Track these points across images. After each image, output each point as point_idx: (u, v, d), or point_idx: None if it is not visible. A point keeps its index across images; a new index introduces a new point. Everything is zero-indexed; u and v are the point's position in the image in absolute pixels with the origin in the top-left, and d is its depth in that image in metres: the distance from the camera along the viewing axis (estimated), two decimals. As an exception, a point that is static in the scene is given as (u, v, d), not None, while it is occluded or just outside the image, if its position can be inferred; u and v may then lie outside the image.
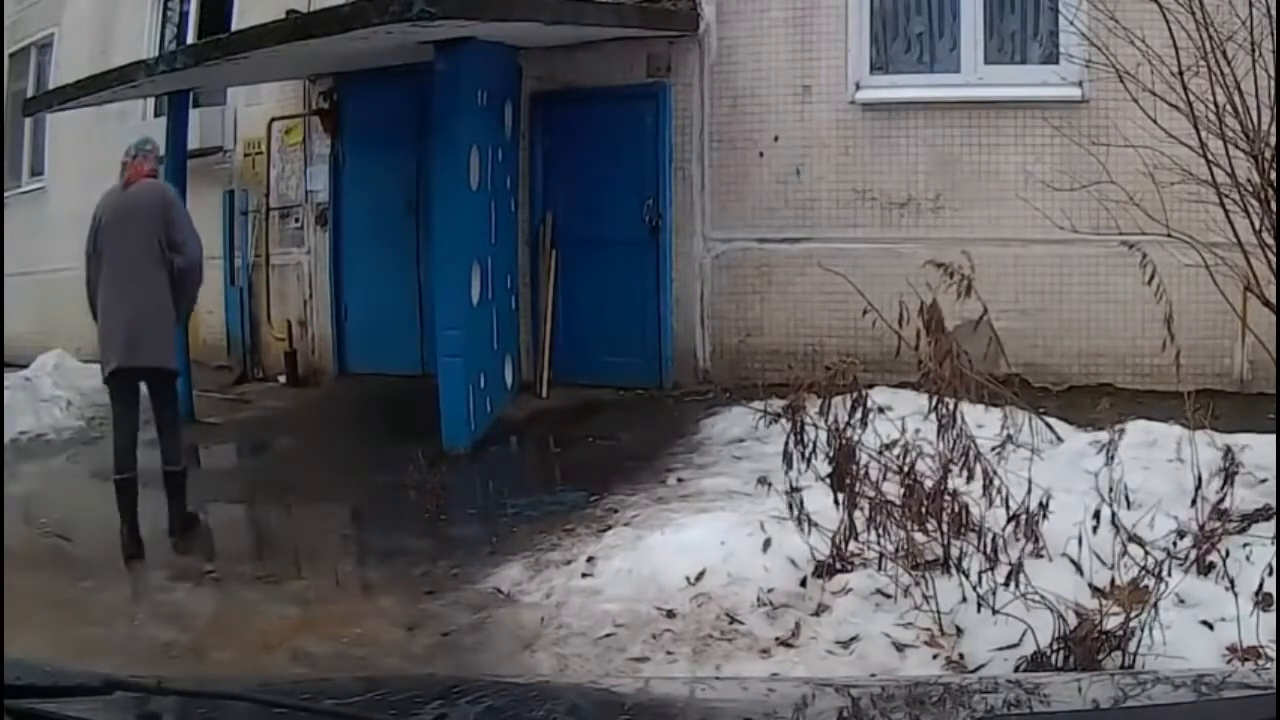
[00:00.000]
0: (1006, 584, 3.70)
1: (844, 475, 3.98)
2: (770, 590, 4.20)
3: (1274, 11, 4.59)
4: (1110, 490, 3.86)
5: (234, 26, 8.67)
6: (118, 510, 5.50)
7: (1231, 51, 4.66)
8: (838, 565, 4.23)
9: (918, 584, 4.01)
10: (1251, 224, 4.70)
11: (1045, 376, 6.84)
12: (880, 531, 4.04)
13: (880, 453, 4.05)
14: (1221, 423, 4.79)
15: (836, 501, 4.08)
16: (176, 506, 5.76)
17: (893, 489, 4.02)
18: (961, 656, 3.77)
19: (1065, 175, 6.20)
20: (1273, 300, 4.69)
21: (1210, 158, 4.72)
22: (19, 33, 11.20)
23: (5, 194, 10.64)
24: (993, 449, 4.27)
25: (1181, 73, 4.73)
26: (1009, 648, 3.65)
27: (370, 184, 8.70)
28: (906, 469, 3.93)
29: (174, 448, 5.78)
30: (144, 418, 5.80)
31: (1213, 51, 4.67)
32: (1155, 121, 4.98)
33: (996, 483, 3.88)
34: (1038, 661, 3.49)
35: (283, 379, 8.78)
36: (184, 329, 6.42)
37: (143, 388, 5.77)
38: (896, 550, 4.06)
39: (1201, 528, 3.93)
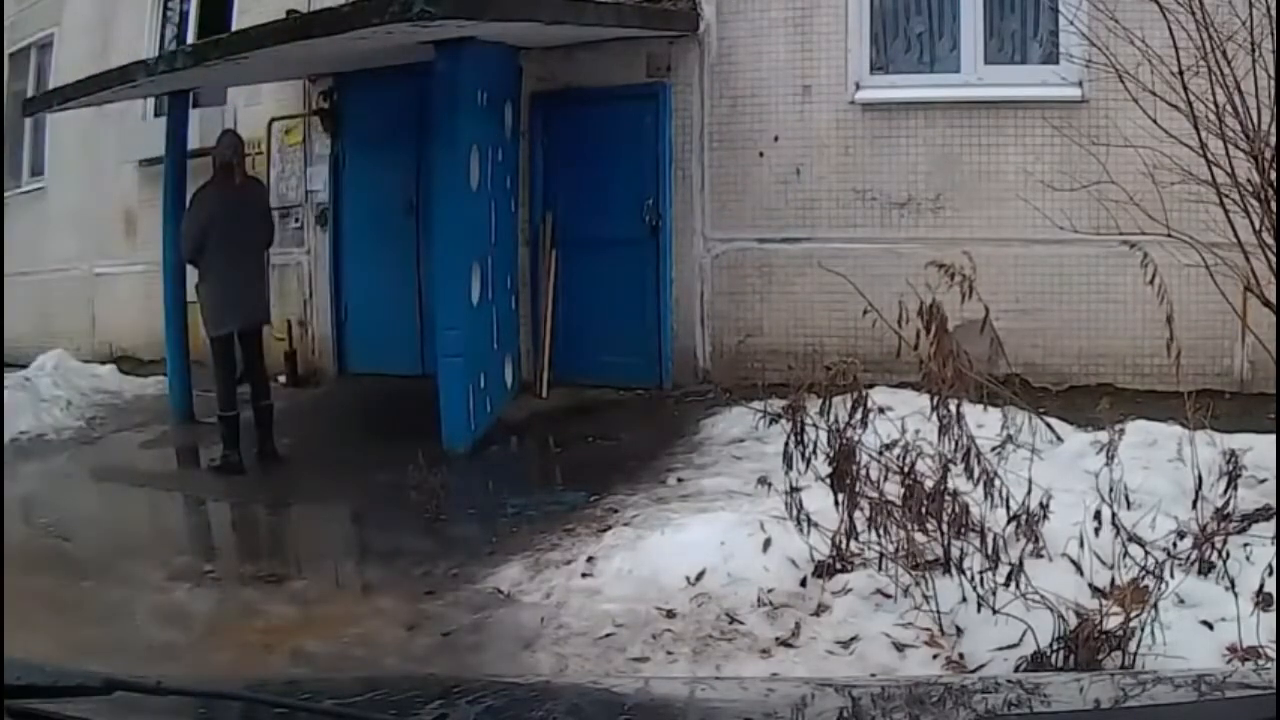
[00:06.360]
0: (1006, 584, 3.70)
1: (844, 475, 3.98)
2: (770, 590, 4.20)
3: (1274, 11, 4.59)
4: (1110, 490, 3.86)
5: (234, 26, 8.67)
6: (222, 440, 6.87)
7: (1231, 51, 4.66)
8: (838, 565, 4.23)
9: (918, 584, 4.01)
10: (1251, 224, 4.70)
11: (1045, 376, 6.84)
12: (880, 531, 4.04)
13: (880, 453, 4.05)
14: (1221, 423, 4.79)
15: (836, 502, 4.08)
16: (265, 435, 6.99)
17: (893, 489, 4.02)
18: (961, 656, 3.77)
19: (1065, 175, 6.19)
20: (1273, 300, 4.69)
21: (1210, 158, 4.72)
22: (19, 33, 11.19)
23: (5, 194, 10.63)
24: (993, 449, 4.27)
25: (1181, 73, 4.73)
26: (1009, 648, 3.64)
27: (370, 184, 8.70)
28: (907, 469, 3.93)
29: (264, 387, 7.10)
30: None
31: (1213, 51, 4.67)
32: (1155, 121, 4.98)
33: (997, 483, 3.88)
34: (1038, 661, 3.49)
35: (282, 379, 8.78)
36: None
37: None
38: (896, 550, 4.06)
39: (1202, 528, 3.92)
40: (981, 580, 3.80)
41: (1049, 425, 5.56)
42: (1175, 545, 3.96)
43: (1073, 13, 6.23)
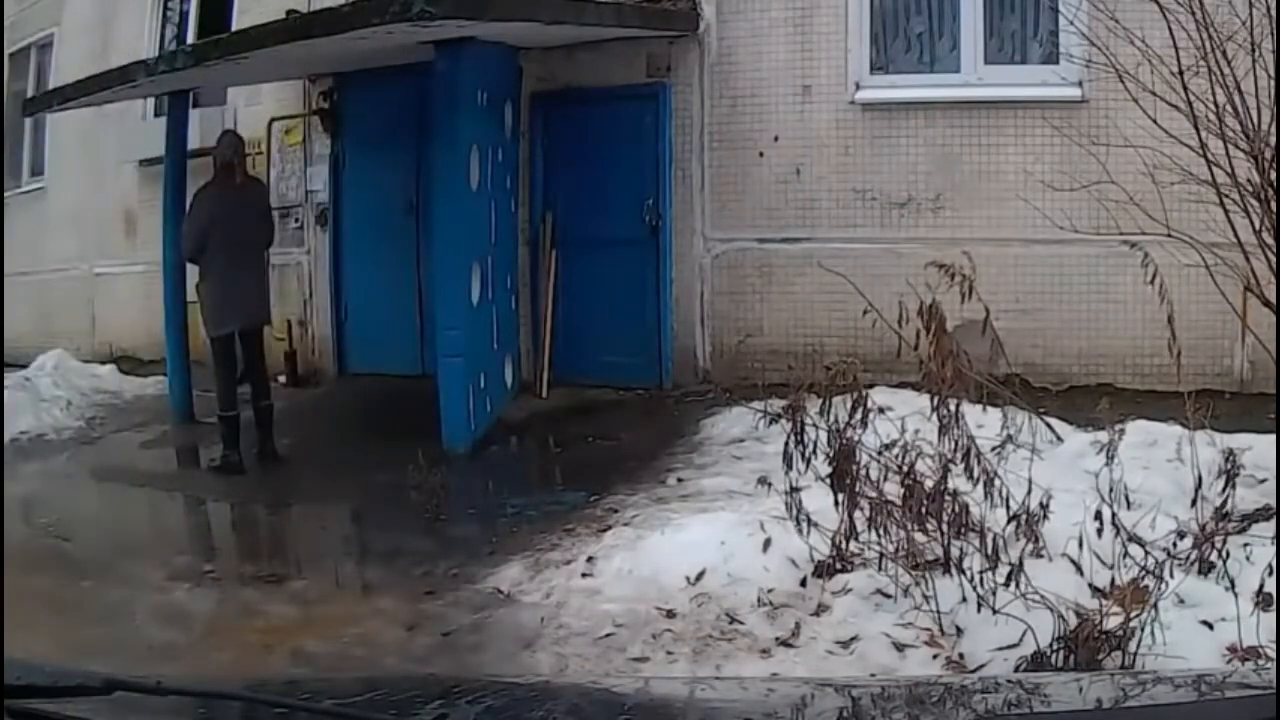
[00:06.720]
0: (1006, 584, 3.70)
1: (844, 475, 3.98)
2: (770, 590, 4.20)
3: (1274, 11, 4.59)
4: (1110, 490, 3.86)
5: (234, 26, 8.67)
6: (222, 440, 6.86)
7: (1231, 51, 4.66)
8: (838, 565, 4.23)
9: (918, 584, 4.01)
10: (1251, 224, 4.70)
11: (1045, 376, 6.84)
12: (880, 531, 4.04)
13: (880, 453, 4.05)
14: (1221, 423, 4.79)
15: (836, 502, 4.08)
16: (265, 436, 6.98)
17: (893, 489, 4.02)
18: (961, 656, 3.77)
19: (1065, 175, 6.19)
20: (1273, 300, 4.69)
21: (1210, 158, 4.72)
22: (19, 33, 11.19)
23: (5, 194, 10.63)
24: (993, 449, 4.27)
25: (1181, 73, 4.73)
26: (1009, 648, 3.64)
27: (370, 184, 8.70)
28: (907, 469, 3.93)
29: (264, 387, 7.10)
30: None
31: (1213, 51, 4.67)
32: (1155, 121, 4.98)
33: (997, 483, 3.88)
34: (1038, 661, 3.49)
35: (282, 379, 8.78)
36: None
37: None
38: (896, 550, 4.06)
39: (1202, 528, 3.92)
40: (981, 580, 3.80)
41: (1049, 425, 5.56)
42: (1175, 545, 3.96)
43: (1073, 13, 6.23)
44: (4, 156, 10.86)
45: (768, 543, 4.40)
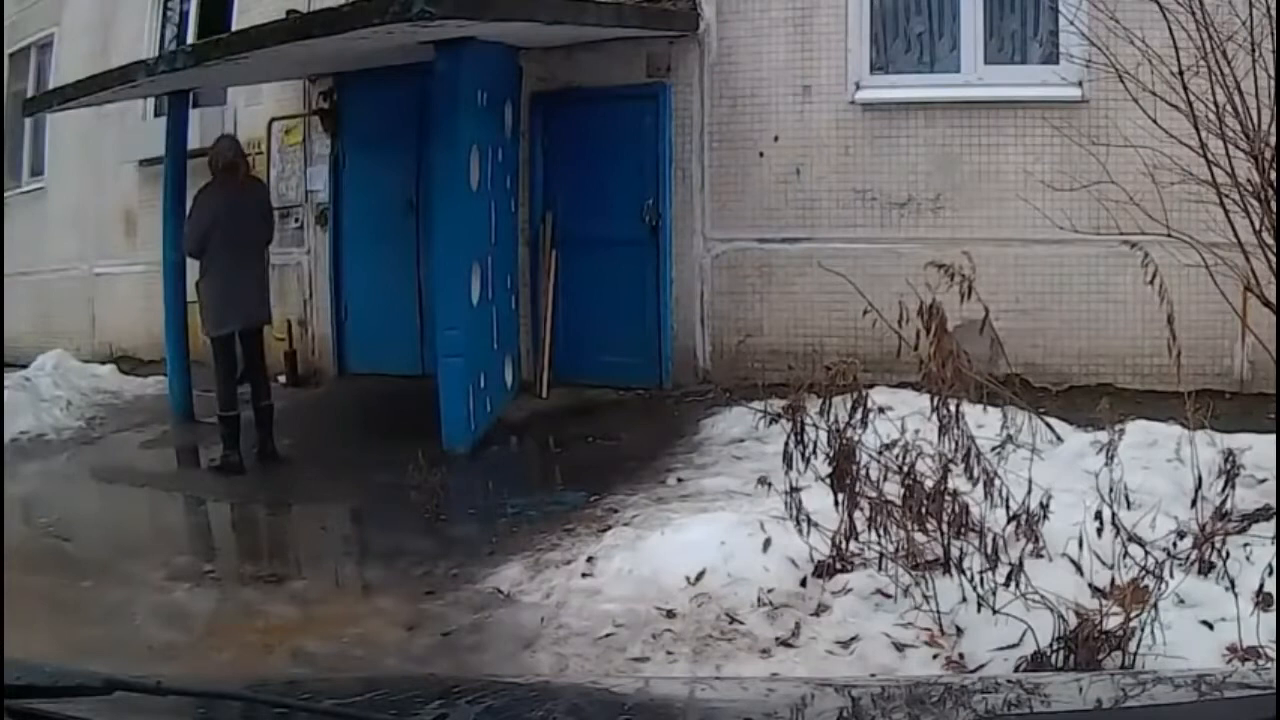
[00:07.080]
0: (1006, 584, 3.70)
1: (844, 475, 3.98)
2: (770, 590, 4.20)
3: (1274, 11, 4.59)
4: (1110, 490, 3.86)
5: (234, 26, 8.67)
6: (222, 440, 6.86)
7: (1231, 51, 4.66)
8: (838, 565, 4.23)
9: (918, 584, 4.01)
10: (1251, 224, 4.70)
11: (1045, 376, 6.84)
12: (880, 531, 4.04)
13: (880, 453, 4.05)
14: (1221, 423, 4.79)
15: (836, 502, 4.08)
16: (265, 436, 6.99)
17: (893, 489, 4.02)
18: (961, 656, 3.77)
19: (1065, 175, 6.20)
20: (1273, 300, 4.69)
21: (1210, 158, 4.72)
22: (19, 33, 11.20)
23: (5, 194, 10.64)
24: (993, 449, 4.27)
25: (1181, 73, 4.73)
26: (1009, 648, 3.65)
27: (370, 184, 8.70)
28: (907, 469, 3.93)
29: (264, 387, 7.09)
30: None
31: (1213, 51, 4.67)
32: (1155, 121, 4.98)
33: (997, 483, 3.88)
34: (1038, 661, 3.49)
35: (282, 379, 8.78)
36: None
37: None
38: (896, 550, 4.06)
39: (1202, 528, 3.93)
40: (981, 580, 3.80)
41: (1049, 425, 5.56)
42: (1175, 545, 3.97)
43: (1073, 13, 6.23)
44: (4, 156, 10.86)
45: (768, 543, 4.40)
